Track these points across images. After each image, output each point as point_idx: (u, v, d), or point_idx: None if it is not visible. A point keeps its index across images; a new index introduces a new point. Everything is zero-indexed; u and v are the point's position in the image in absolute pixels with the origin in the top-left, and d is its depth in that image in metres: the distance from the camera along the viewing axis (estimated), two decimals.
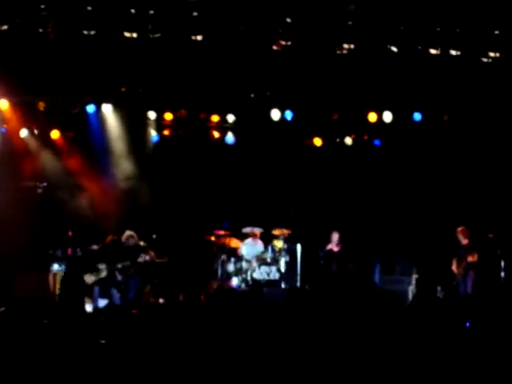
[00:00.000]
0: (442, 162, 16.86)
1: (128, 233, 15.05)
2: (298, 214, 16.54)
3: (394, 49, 14.65)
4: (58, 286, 15.24)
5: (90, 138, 16.77)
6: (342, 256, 15.69)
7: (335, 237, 15.80)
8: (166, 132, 17.38)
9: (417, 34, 14.43)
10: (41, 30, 13.72)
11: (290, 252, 16.33)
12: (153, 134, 17.34)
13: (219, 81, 15.59)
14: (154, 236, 15.86)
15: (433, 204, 16.99)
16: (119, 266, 14.60)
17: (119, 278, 14.61)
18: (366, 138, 17.61)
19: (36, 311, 8.45)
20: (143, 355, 6.75)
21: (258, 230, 16.62)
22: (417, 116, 16.72)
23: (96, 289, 14.60)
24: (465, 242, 15.19)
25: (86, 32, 13.80)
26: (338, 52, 14.72)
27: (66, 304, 14.11)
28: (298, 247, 16.37)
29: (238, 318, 7.74)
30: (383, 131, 17.23)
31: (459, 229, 15.25)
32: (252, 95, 16.45)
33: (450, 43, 14.58)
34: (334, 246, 15.77)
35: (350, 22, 14.22)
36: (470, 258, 14.88)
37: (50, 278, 15.29)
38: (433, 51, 14.68)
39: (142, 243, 15.45)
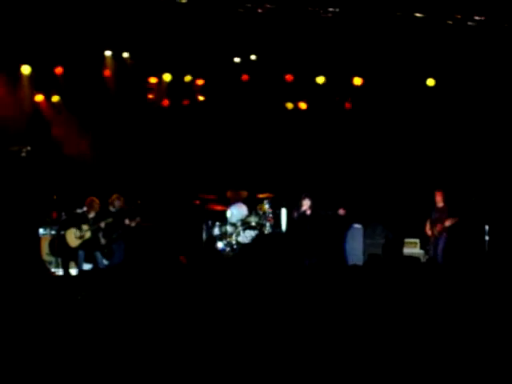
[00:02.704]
0: (421, 123, 16.80)
1: (115, 195, 15.09)
2: (284, 177, 16.53)
3: None
4: (44, 250, 15.28)
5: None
6: (314, 219, 15.62)
7: (307, 201, 15.67)
8: (150, 96, 17.25)
9: None
10: None
11: (275, 216, 16.36)
12: None
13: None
14: (139, 201, 15.83)
15: (407, 166, 16.95)
16: (102, 224, 14.62)
17: (102, 241, 14.64)
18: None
19: None
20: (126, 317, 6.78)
21: (243, 194, 16.63)
22: None
23: (80, 253, 14.64)
24: (441, 204, 15.17)
25: None
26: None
27: None
28: (283, 211, 16.40)
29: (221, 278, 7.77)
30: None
31: (438, 191, 15.22)
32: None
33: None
34: (307, 209, 15.66)
35: None
36: (447, 223, 14.83)
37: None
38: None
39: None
